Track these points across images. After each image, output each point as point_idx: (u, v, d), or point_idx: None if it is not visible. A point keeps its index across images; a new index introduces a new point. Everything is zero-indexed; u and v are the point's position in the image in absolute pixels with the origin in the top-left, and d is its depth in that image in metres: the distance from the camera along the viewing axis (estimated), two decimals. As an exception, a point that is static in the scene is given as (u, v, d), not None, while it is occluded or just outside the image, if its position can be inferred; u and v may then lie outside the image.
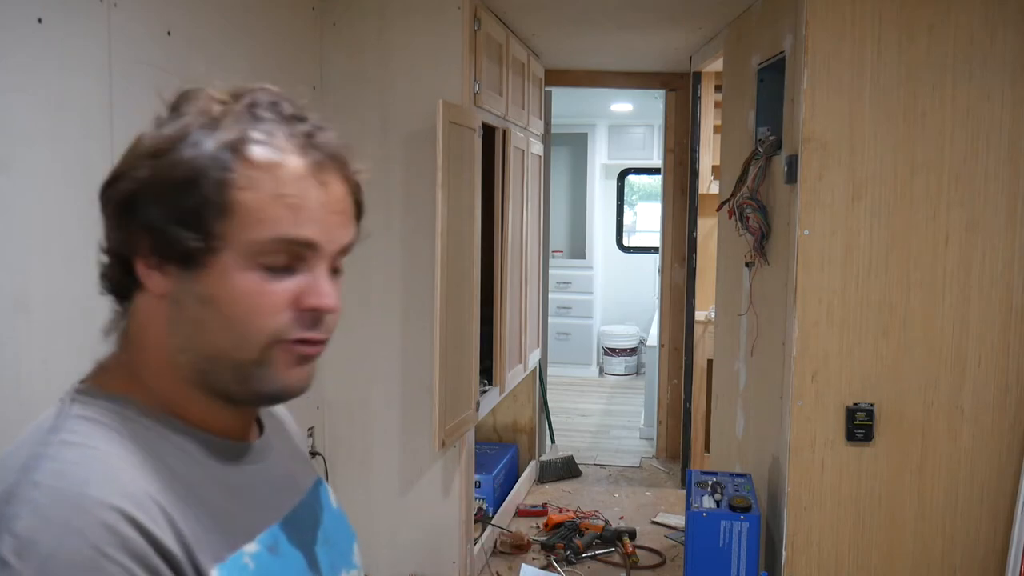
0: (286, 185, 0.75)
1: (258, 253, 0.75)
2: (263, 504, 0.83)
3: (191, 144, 0.74)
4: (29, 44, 1.61)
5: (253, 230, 0.74)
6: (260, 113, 0.77)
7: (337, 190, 0.79)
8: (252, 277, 0.75)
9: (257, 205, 0.74)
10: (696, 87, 4.64)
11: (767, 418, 2.91)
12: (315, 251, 0.77)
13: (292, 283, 0.77)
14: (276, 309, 0.76)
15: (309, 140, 0.78)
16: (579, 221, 7.72)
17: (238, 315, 0.75)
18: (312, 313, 0.78)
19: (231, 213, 0.74)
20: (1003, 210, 2.48)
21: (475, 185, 3.15)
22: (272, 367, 0.78)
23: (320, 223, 0.77)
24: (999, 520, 2.54)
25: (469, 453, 3.28)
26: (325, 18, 3.06)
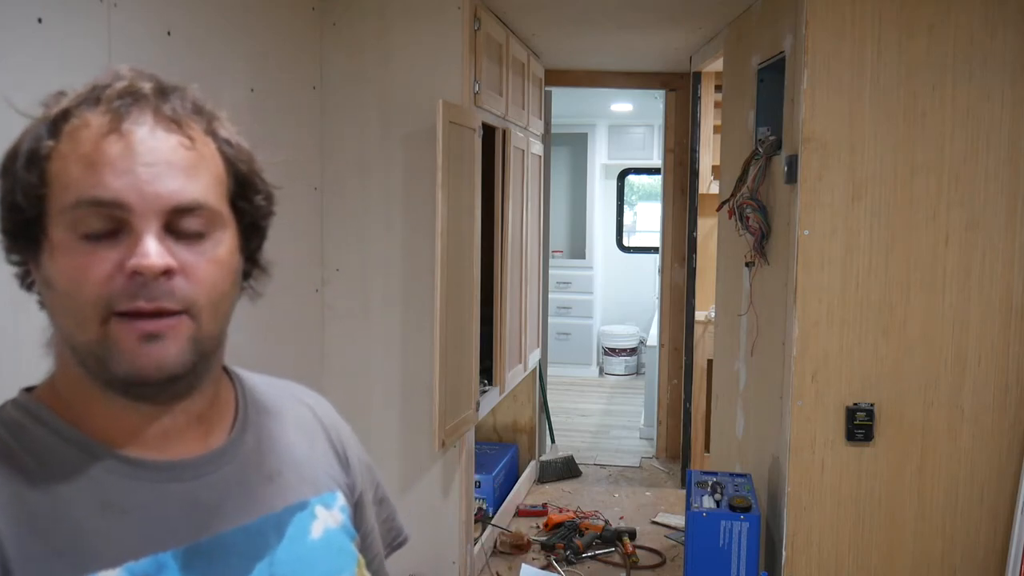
0: (85, 144, 0.72)
1: (72, 222, 0.71)
2: (162, 528, 0.75)
3: (25, 132, 0.75)
4: (29, 44, 1.61)
5: (60, 197, 0.71)
6: (86, 96, 0.74)
7: (154, 140, 0.72)
8: (75, 249, 0.71)
9: (62, 172, 0.72)
10: (696, 87, 4.64)
11: (767, 418, 2.91)
12: (128, 210, 0.71)
13: (115, 251, 0.71)
14: (100, 277, 0.70)
15: (119, 101, 0.73)
16: (579, 221, 7.72)
17: (68, 291, 0.71)
18: (137, 278, 0.70)
19: (46, 185, 0.72)
20: (1003, 210, 2.48)
21: (475, 185, 3.15)
22: (115, 345, 0.71)
23: (127, 175, 0.71)
24: (999, 520, 2.54)
25: (469, 453, 3.28)
26: (325, 18, 3.06)
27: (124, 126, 0.72)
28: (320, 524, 0.86)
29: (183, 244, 0.73)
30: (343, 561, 0.87)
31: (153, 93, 0.75)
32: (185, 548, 0.75)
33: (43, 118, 0.75)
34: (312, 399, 0.97)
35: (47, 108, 0.76)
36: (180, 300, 0.72)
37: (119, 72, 0.76)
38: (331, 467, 0.92)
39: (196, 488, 0.78)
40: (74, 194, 0.71)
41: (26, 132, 0.75)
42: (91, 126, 0.72)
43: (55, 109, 0.74)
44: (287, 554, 0.81)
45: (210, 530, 0.77)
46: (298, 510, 0.85)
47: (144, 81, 0.76)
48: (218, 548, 0.77)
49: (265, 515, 0.82)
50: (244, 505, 0.81)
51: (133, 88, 0.74)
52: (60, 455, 0.74)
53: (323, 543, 0.85)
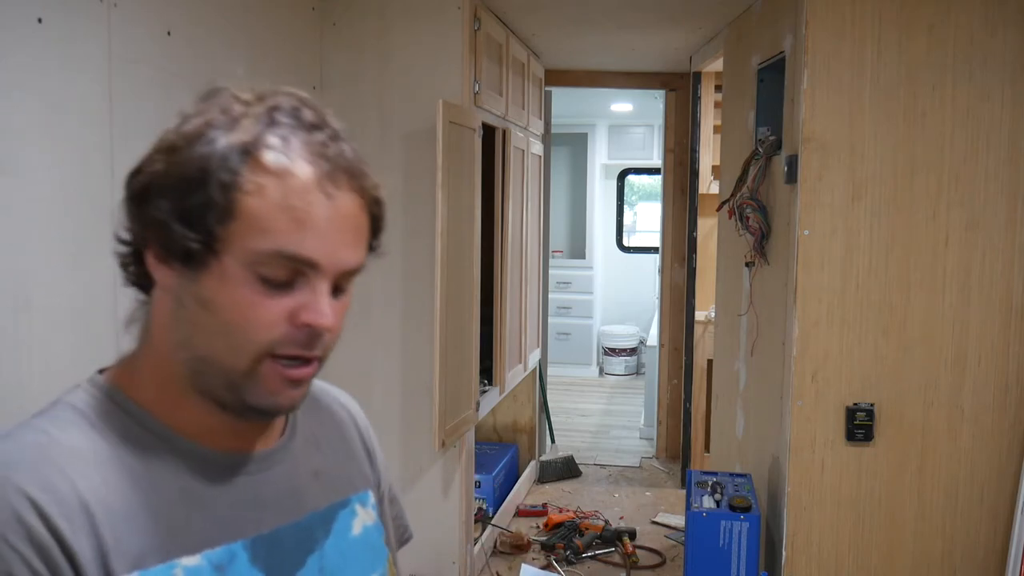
0: (293, 195, 0.73)
1: (257, 263, 0.73)
2: (230, 520, 0.80)
3: (205, 142, 0.73)
4: (29, 44, 1.61)
5: (255, 239, 0.73)
6: (279, 118, 0.75)
7: (347, 205, 0.76)
8: (250, 286, 0.74)
9: (261, 213, 0.73)
10: (696, 87, 4.64)
11: (767, 418, 2.91)
12: (316, 269, 0.75)
13: (290, 298, 0.75)
14: (270, 323, 0.75)
15: (323, 149, 0.75)
16: (579, 221, 7.72)
17: (232, 323, 0.74)
18: (307, 330, 0.76)
19: (234, 217, 0.72)
20: (1003, 210, 2.48)
21: (475, 185, 3.15)
22: (261, 382, 0.76)
23: (324, 240, 0.74)
24: (999, 520, 2.54)
25: (469, 453, 3.28)
26: (325, 18, 3.06)
27: (330, 189, 0.74)
28: (359, 521, 0.92)
29: (333, 297, 0.79)
30: (377, 557, 0.93)
31: (341, 144, 0.77)
32: (252, 540, 0.80)
33: (236, 142, 0.73)
34: (347, 400, 1.03)
35: (219, 113, 0.75)
36: (324, 350, 0.80)
37: (294, 104, 0.76)
38: (364, 466, 0.98)
39: (259, 483, 0.83)
40: (273, 243, 0.73)
41: (201, 134, 0.74)
42: (299, 177, 0.73)
43: (246, 133, 0.73)
44: (333, 549, 0.87)
45: (270, 524, 0.82)
46: (341, 507, 0.90)
47: (322, 123, 0.77)
48: (277, 542, 0.82)
49: (313, 511, 0.87)
50: (296, 501, 0.86)
51: (328, 139, 0.76)
52: (143, 442, 0.78)
53: (362, 539, 0.91)
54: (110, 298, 1.80)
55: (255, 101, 0.76)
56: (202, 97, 0.78)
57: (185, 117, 0.77)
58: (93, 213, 1.76)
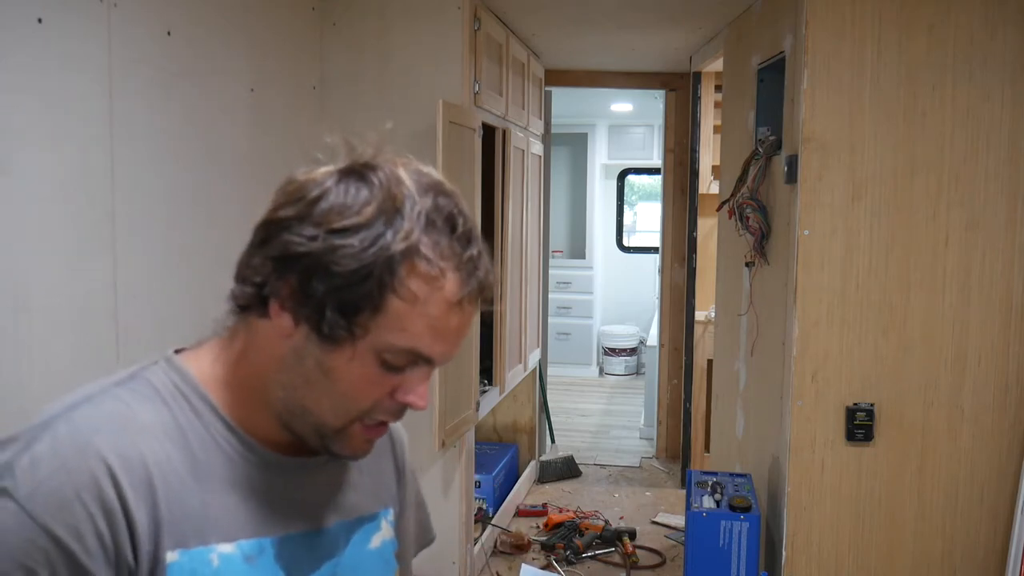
0: (437, 307, 0.78)
1: (383, 351, 0.79)
2: (268, 516, 0.86)
3: (371, 237, 0.76)
4: (29, 44, 1.61)
5: (393, 335, 0.78)
6: (437, 223, 0.79)
7: (472, 316, 0.83)
8: (372, 367, 0.80)
9: (406, 315, 0.78)
10: (696, 87, 4.64)
11: (767, 418, 2.91)
12: (432, 365, 0.82)
13: (399, 378, 0.82)
14: (375, 397, 0.82)
15: (472, 268, 0.80)
16: (579, 221, 7.72)
17: (345, 393, 0.81)
18: (403, 406, 0.84)
19: (381, 313, 0.78)
20: (1003, 210, 2.48)
21: (475, 185, 3.15)
22: (348, 438, 0.84)
23: (448, 345, 0.81)
24: (999, 520, 2.54)
25: (469, 453, 3.28)
26: (325, 18, 3.06)
27: (468, 307, 0.81)
28: (380, 536, 0.98)
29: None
30: (388, 570, 0.99)
31: (483, 259, 0.82)
32: (281, 537, 0.86)
33: (399, 248, 0.76)
34: None
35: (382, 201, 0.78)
36: None
37: (451, 210, 0.80)
38: (391, 482, 1.04)
39: (299, 487, 0.89)
40: (408, 343, 0.79)
41: (367, 224, 0.76)
42: (445, 292, 0.78)
43: (407, 238, 0.76)
44: (350, 559, 0.93)
45: (300, 526, 0.88)
46: (368, 521, 0.97)
47: (470, 233, 0.81)
48: (302, 543, 0.88)
49: (339, 521, 0.93)
50: (327, 510, 0.92)
51: (476, 257, 0.81)
52: (207, 431, 0.84)
53: (378, 553, 0.97)
54: (110, 298, 1.80)
55: (416, 195, 0.79)
56: (361, 165, 0.80)
57: (345, 187, 0.78)
58: (93, 213, 1.76)
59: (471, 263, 0.80)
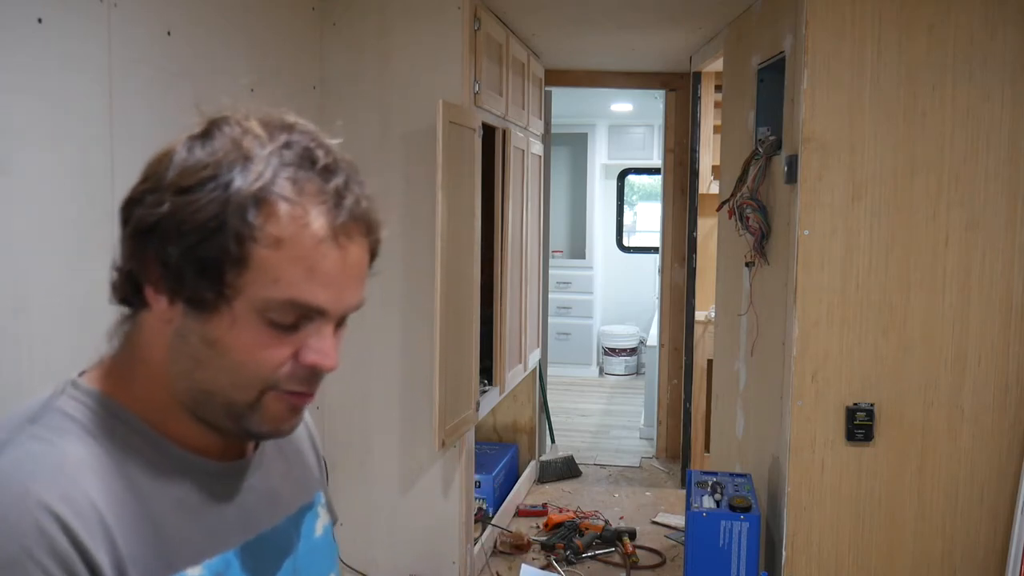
0: (306, 248, 0.73)
1: (267, 309, 0.74)
2: (224, 528, 0.82)
3: (218, 187, 0.71)
4: (29, 44, 1.61)
5: (267, 288, 0.73)
6: (293, 159, 0.74)
7: (356, 253, 0.77)
8: (259, 329, 0.74)
9: (274, 263, 0.72)
10: (696, 87, 4.64)
11: (767, 418, 2.91)
12: (324, 315, 0.76)
13: (296, 338, 0.76)
14: (277, 362, 0.76)
15: (338, 199, 0.75)
16: (579, 221, 7.72)
17: (240, 362, 0.75)
18: (311, 369, 0.77)
19: (248, 267, 0.72)
20: (1003, 210, 2.48)
21: (475, 185, 3.15)
22: (263, 411, 0.78)
23: (334, 288, 0.75)
24: (999, 520, 2.54)
25: (469, 453, 3.28)
26: (325, 18, 3.06)
27: (343, 241, 0.75)
28: (320, 522, 0.95)
29: (336, 334, 0.80)
30: (333, 554, 0.97)
31: (353, 189, 0.77)
32: (241, 547, 0.82)
33: (250, 191, 0.71)
34: None
35: (229, 151, 0.73)
36: (323, 381, 0.80)
37: (307, 144, 0.75)
38: (316, 467, 1.00)
39: (244, 491, 0.85)
40: (285, 293, 0.73)
41: (213, 176, 0.72)
42: (313, 229, 0.73)
43: (259, 179, 0.72)
44: (304, 551, 0.90)
45: (255, 530, 0.85)
46: (307, 510, 0.94)
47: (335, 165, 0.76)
48: (261, 547, 0.85)
49: (286, 516, 0.90)
50: (273, 507, 0.88)
51: (342, 186, 0.75)
52: (140, 452, 0.77)
53: (323, 540, 0.95)
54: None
55: (266, 137, 0.74)
56: (209, 125, 0.75)
57: (192, 144, 0.74)
58: (93, 213, 1.76)
59: (336, 194, 0.74)
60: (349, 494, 3.16)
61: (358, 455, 3.18)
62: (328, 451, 3.15)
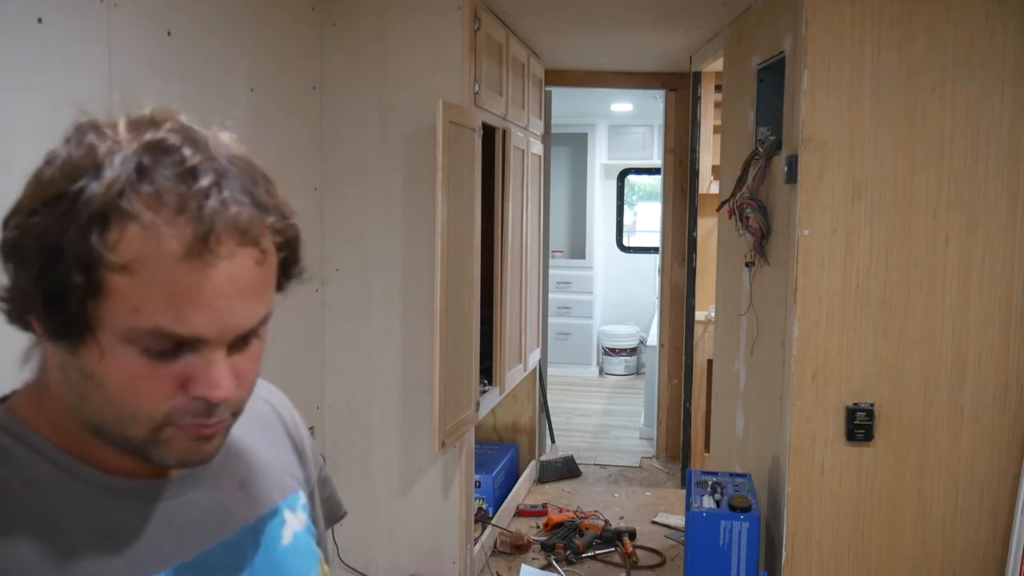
0: (164, 269, 0.62)
1: (134, 340, 0.65)
2: (150, 551, 0.73)
3: (63, 205, 0.62)
4: (29, 44, 1.61)
5: (128, 318, 0.63)
6: (150, 166, 0.63)
7: (235, 267, 0.65)
8: (133, 359, 0.65)
9: (130, 290, 0.63)
10: (696, 87, 4.64)
11: (767, 418, 2.91)
12: (203, 343, 0.66)
13: (179, 367, 0.66)
14: (162, 395, 0.67)
15: (198, 207, 0.63)
16: (579, 221, 7.72)
17: (121, 395, 0.67)
18: (202, 402, 0.68)
19: (102, 295, 0.63)
20: (1003, 210, 2.48)
21: (475, 185, 3.15)
22: (165, 445, 0.69)
23: (209, 312, 0.64)
24: (999, 520, 2.54)
25: (469, 453, 3.28)
26: (325, 18, 3.06)
27: (208, 256, 0.63)
28: (289, 529, 0.86)
29: (237, 352, 0.70)
30: (309, 563, 0.88)
31: (224, 192, 0.65)
32: (176, 568, 0.74)
33: (95, 208, 0.62)
34: (268, 392, 0.95)
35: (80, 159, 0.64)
36: (233, 407, 0.71)
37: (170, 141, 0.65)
38: (292, 465, 0.92)
39: (179, 507, 0.77)
40: (149, 322, 0.63)
41: (58, 194, 0.63)
42: (168, 250, 0.62)
43: (106, 193, 0.62)
44: (263, 563, 0.82)
45: (195, 548, 0.77)
46: (270, 518, 0.85)
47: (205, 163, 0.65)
48: (204, 566, 0.77)
49: (241, 528, 0.81)
50: (222, 520, 0.80)
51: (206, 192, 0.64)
52: (47, 479, 0.71)
53: (292, 548, 0.86)
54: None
55: (126, 139, 0.65)
56: (68, 134, 0.67)
57: (49, 159, 0.66)
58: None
59: (197, 200, 0.62)
60: (349, 494, 3.14)
61: (358, 455, 3.18)
62: (328, 451, 3.15)
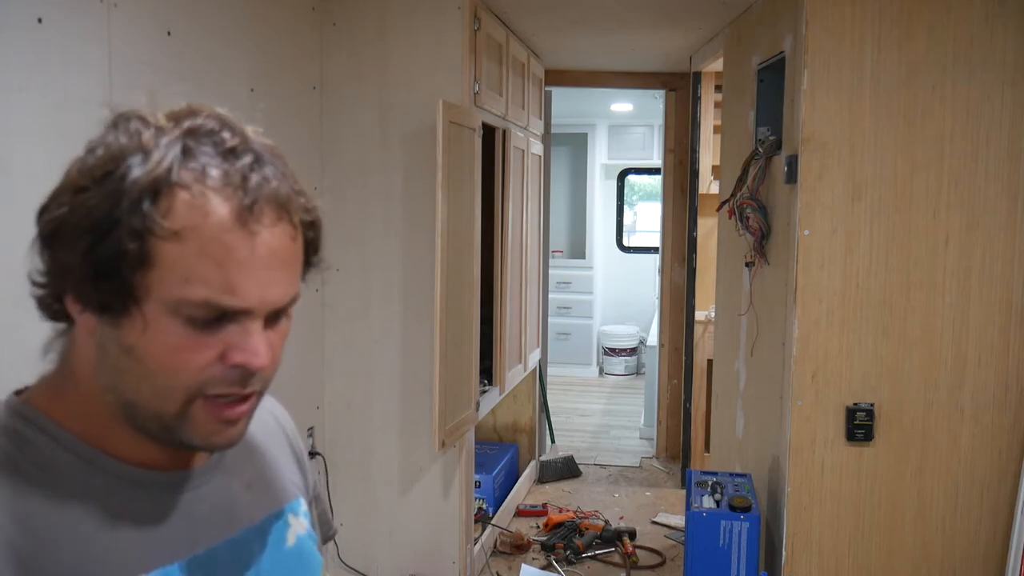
0: (212, 238, 0.67)
1: (179, 308, 0.68)
2: (165, 542, 0.76)
3: (113, 180, 0.67)
4: (29, 44, 1.61)
5: (177, 287, 0.68)
6: (195, 146, 0.69)
7: (275, 239, 0.70)
8: (176, 330, 0.69)
9: (180, 260, 0.67)
10: (696, 87, 4.64)
11: (767, 418, 2.91)
12: (246, 312, 0.70)
13: (220, 337, 0.70)
14: (201, 364, 0.70)
15: (244, 181, 0.69)
16: (579, 221, 7.72)
17: (160, 368, 0.70)
18: (240, 370, 0.71)
19: (152, 265, 0.67)
20: (1003, 210, 2.48)
21: (475, 185, 3.15)
22: (195, 423, 0.73)
23: (251, 281, 0.69)
24: (999, 520, 2.54)
25: (469, 453, 3.28)
26: (325, 18, 3.06)
27: (253, 226, 0.68)
28: (293, 532, 0.88)
29: (270, 328, 0.74)
30: (312, 567, 0.90)
31: (264, 169, 0.70)
32: (187, 560, 0.76)
33: (146, 182, 0.67)
34: (272, 405, 0.98)
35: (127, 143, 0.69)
36: (263, 382, 0.75)
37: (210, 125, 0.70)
38: (294, 473, 0.94)
39: (191, 500, 0.79)
40: (199, 293, 0.68)
41: (108, 172, 0.68)
42: (216, 216, 0.67)
43: (156, 169, 0.67)
44: (269, 563, 0.84)
45: (205, 542, 0.79)
46: (275, 519, 0.87)
47: (243, 147, 0.70)
48: (213, 561, 0.79)
49: (248, 526, 0.83)
50: (230, 517, 0.82)
51: (248, 167, 0.69)
52: (66, 467, 0.73)
53: (296, 551, 0.88)
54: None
55: (168, 126, 0.70)
56: (110, 123, 0.71)
57: (91, 147, 0.70)
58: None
59: (242, 177, 0.68)
60: (349, 494, 3.16)
61: (358, 455, 3.18)
62: (328, 451, 3.15)
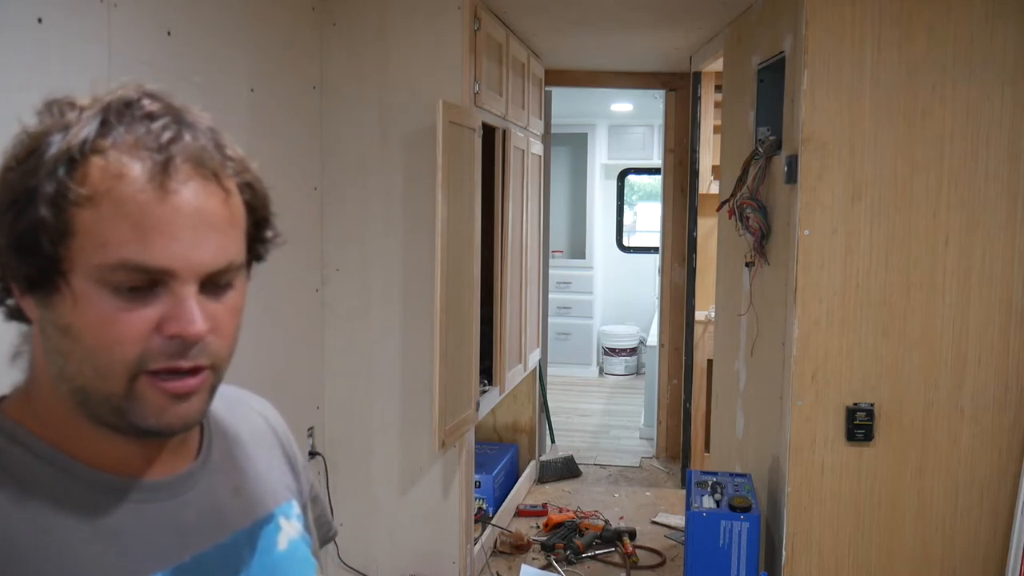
0: (126, 199, 0.66)
1: (105, 277, 0.67)
2: (149, 550, 0.74)
3: (34, 158, 0.67)
4: (29, 44, 1.61)
5: (96, 254, 0.66)
6: (113, 117, 0.68)
7: (196, 198, 0.68)
8: (105, 301, 0.67)
9: (97, 225, 0.66)
10: (696, 87, 4.64)
11: (767, 418, 2.91)
12: (171, 276, 0.68)
13: (154, 307, 0.68)
14: (136, 336, 0.68)
15: (158, 140, 0.68)
16: (579, 221, 7.72)
17: (97, 343, 0.68)
18: (177, 340, 0.69)
19: (71, 233, 0.66)
20: (1003, 210, 2.48)
21: (475, 185, 3.15)
22: (142, 401, 0.70)
23: (173, 240, 0.67)
24: (999, 520, 2.54)
25: (469, 453, 3.28)
26: (325, 18, 3.06)
27: (170, 184, 0.67)
28: (284, 536, 0.87)
29: (211, 298, 0.71)
30: (305, 571, 0.88)
31: (183, 131, 0.69)
32: (172, 569, 0.75)
33: (61, 151, 0.67)
34: (261, 406, 0.97)
35: (51, 124, 0.69)
36: (211, 356, 0.72)
37: (131, 96, 0.70)
38: (285, 476, 0.93)
39: (176, 508, 0.77)
40: (116, 255, 0.66)
41: (30, 151, 0.68)
42: (130, 178, 0.66)
43: (72, 139, 0.67)
44: (260, 568, 0.82)
45: (192, 549, 0.77)
46: (265, 523, 0.85)
47: (163, 111, 0.70)
48: (201, 568, 0.77)
49: (237, 531, 0.82)
50: (218, 522, 0.81)
51: (164, 128, 0.69)
52: (42, 478, 0.71)
53: (288, 554, 0.86)
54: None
55: (91, 103, 0.70)
56: (41, 109, 0.72)
57: (19, 133, 0.71)
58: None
59: (155, 134, 0.67)
60: (349, 494, 3.16)
61: (358, 455, 3.18)
62: (328, 451, 3.15)
